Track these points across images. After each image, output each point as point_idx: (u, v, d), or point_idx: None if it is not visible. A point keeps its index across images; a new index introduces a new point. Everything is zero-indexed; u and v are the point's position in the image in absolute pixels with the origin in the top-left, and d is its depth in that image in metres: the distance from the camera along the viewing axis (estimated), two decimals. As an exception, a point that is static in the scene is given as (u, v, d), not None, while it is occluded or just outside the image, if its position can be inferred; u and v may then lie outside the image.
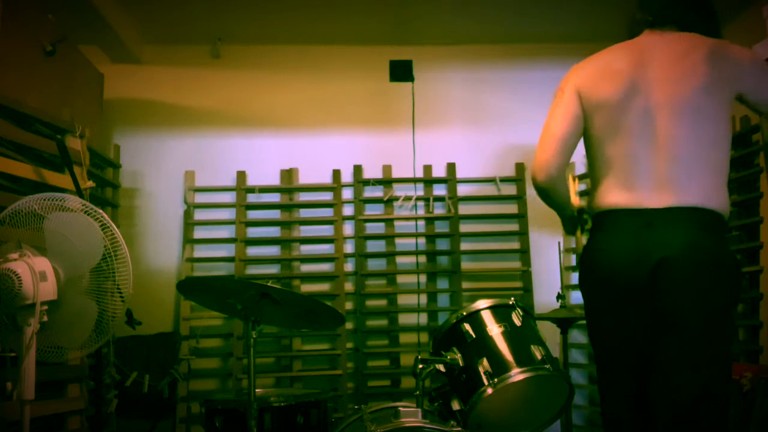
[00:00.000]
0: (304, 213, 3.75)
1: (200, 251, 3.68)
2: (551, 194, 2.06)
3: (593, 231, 1.98)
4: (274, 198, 3.74)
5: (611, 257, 1.85)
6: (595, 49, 4.22)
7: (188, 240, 3.63)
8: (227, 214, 3.72)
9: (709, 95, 1.81)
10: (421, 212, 3.75)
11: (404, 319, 3.67)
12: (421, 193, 3.76)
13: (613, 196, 1.87)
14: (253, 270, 3.68)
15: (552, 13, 3.59)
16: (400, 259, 3.72)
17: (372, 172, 3.78)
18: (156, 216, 3.72)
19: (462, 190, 3.78)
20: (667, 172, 1.80)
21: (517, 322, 2.08)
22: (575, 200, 2.21)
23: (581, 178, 3.74)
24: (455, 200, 3.73)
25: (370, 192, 3.77)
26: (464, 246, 3.70)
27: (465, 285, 3.66)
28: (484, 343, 2.02)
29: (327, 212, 3.74)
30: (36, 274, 1.83)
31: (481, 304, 2.11)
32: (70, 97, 2.94)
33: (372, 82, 3.85)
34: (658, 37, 1.94)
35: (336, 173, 3.76)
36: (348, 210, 3.75)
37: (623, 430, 1.92)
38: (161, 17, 3.56)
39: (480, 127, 3.89)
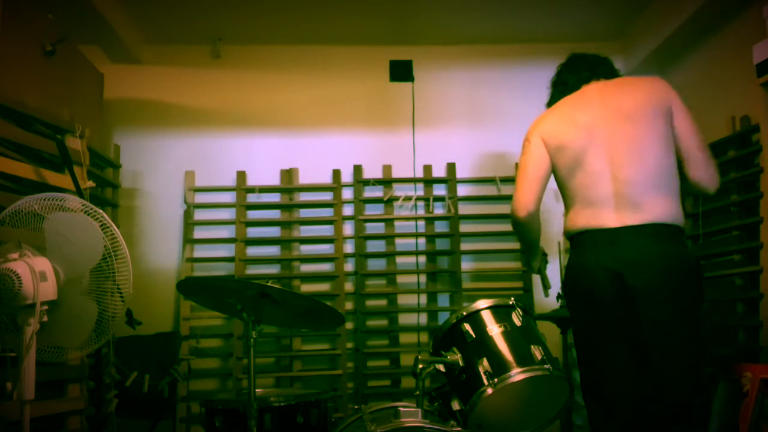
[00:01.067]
0: (304, 213, 3.75)
1: (200, 251, 3.68)
2: (528, 229, 2.36)
3: (571, 251, 2.27)
4: (274, 198, 3.74)
5: (584, 272, 2.17)
6: (594, 48, 4.23)
7: (188, 240, 3.63)
8: (227, 214, 3.72)
9: (654, 126, 2.14)
10: (421, 212, 3.75)
11: (404, 319, 3.67)
12: (421, 193, 3.76)
13: (581, 219, 2.20)
14: (253, 270, 3.68)
15: (552, 13, 3.59)
16: (400, 259, 3.72)
17: (372, 172, 3.78)
18: (156, 216, 3.72)
19: (462, 190, 3.78)
20: (622, 196, 2.11)
21: (517, 322, 2.08)
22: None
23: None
24: (455, 200, 3.73)
25: (370, 192, 3.77)
26: (464, 246, 3.70)
27: (465, 285, 3.66)
28: (484, 343, 2.02)
29: (327, 212, 3.74)
30: (36, 274, 1.83)
31: (481, 304, 2.11)
32: (70, 97, 2.94)
33: (372, 82, 3.85)
34: (598, 85, 2.32)
35: (336, 173, 3.76)
36: (348, 210, 3.75)
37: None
38: (161, 17, 3.56)
39: (480, 127, 3.89)
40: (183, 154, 3.77)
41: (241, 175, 3.72)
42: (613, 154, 2.15)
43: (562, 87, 2.47)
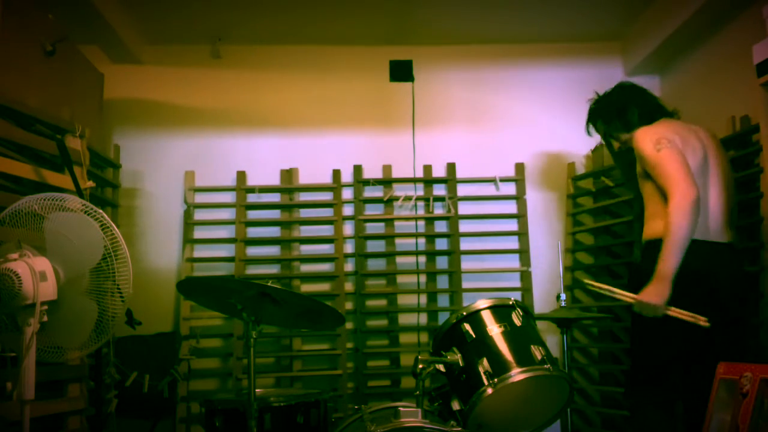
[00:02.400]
0: (304, 213, 3.75)
1: (200, 251, 3.68)
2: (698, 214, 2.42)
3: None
4: (274, 198, 3.74)
5: (706, 277, 2.48)
6: (594, 49, 4.21)
7: (188, 240, 3.63)
8: (227, 214, 3.72)
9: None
10: (421, 212, 3.75)
11: (404, 319, 3.67)
12: (421, 193, 3.76)
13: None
14: (253, 270, 3.68)
15: (552, 13, 3.59)
16: (400, 259, 3.72)
17: (372, 172, 3.78)
18: (156, 216, 3.72)
19: (462, 190, 3.78)
20: (715, 219, 2.52)
21: (517, 322, 2.08)
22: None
23: (580, 178, 3.75)
24: (455, 200, 3.73)
25: (370, 192, 3.77)
26: (464, 246, 3.70)
27: (465, 285, 3.66)
28: (484, 343, 2.02)
29: (327, 212, 3.74)
30: (36, 274, 1.83)
31: (481, 304, 2.11)
32: (70, 97, 2.94)
33: (372, 82, 3.85)
34: (682, 122, 2.72)
35: (336, 173, 3.76)
36: (348, 210, 3.75)
37: None
38: (161, 17, 3.56)
39: (480, 127, 3.89)
40: (183, 154, 3.77)
41: (241, 175, 3.72)
42: (711, 185, 2.54)
43: (646, 107, 2.76)
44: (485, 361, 1.97)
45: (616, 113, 2.77)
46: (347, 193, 3.76)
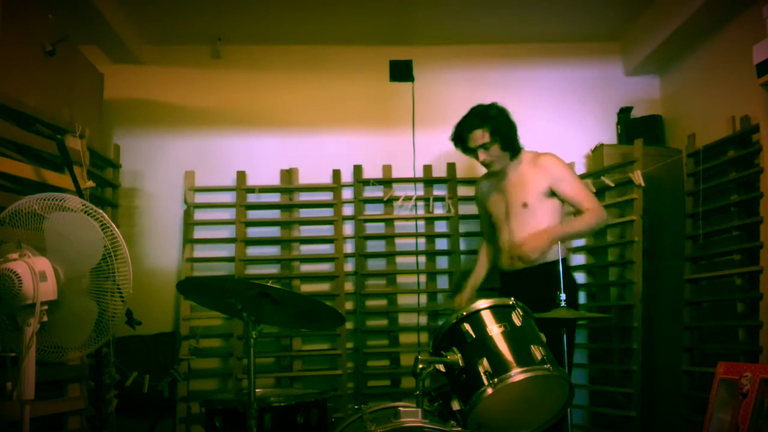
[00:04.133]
0: (304, 213, 3.75)
1: (200, 251, 3.68)
2: None
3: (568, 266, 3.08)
4: (274, 198, 3.74)
5: None
6: (594, 49, 4.20)
7: (188, 240, 3.63)
8: (227, 214, 3.72)
9: None
10: (421, 212, 3.75)
11: (404, 319, 3.67)
12: (421, 193, 3.76)
13: None
14: (253, 270, 3.68)
15: (552, 13, 3.59)
16: (400, 259, 3.72)
17: (372, 172, 3.78)
18: (156, 216, 3.72)
19: (462, 190, 3.78)
20: None
21: (517, 322, 2.07)
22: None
23: (580, 177, 3.75)
24: (455, 200, 3.73)
25: (370, 192, 3.77)
26: (464, 246, 3.70)
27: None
28: (484, 343, 2.02)
29: (327, 212, 3.74)
30: (36, 274, 1.83)
31: (481, 303, 2.10)
32: (70, 97, 2.94)
33: (372, 82, 3.85)
34: None
35: (336, 173, 3.76)
36: (348, 210, 3.75)
37: None
38: (161, 17, 3.56)
39: (480, 127, 3.88)
40: (183, 154, 3.77)
41: (241, 175, 3.72)
42: None
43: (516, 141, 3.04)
44: (485, 361, 1.97)
45: (514, 130, 2.97)
46: (347, 193, 3.76)
